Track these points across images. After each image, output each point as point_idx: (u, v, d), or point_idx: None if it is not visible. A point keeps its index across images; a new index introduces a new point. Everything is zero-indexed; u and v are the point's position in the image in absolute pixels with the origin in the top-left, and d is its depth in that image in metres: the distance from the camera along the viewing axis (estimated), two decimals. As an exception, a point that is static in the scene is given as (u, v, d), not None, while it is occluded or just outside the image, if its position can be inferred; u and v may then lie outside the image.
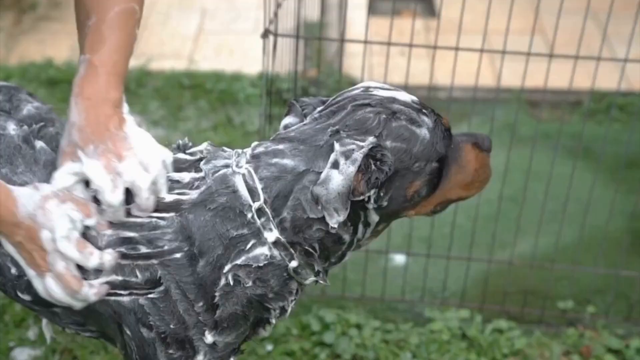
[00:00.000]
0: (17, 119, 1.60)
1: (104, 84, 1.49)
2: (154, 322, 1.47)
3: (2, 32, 4.41)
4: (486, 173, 1.58)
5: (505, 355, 2.48)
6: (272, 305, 1.51)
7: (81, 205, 1.45)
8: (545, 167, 3.09)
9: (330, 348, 2.47)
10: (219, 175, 1.46)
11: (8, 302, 2.55)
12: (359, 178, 1.39)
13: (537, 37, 2.52)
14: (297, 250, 1.45)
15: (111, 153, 1.44)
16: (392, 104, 1.46)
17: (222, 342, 1.51)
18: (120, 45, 1.53)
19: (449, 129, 1.51)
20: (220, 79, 3.90)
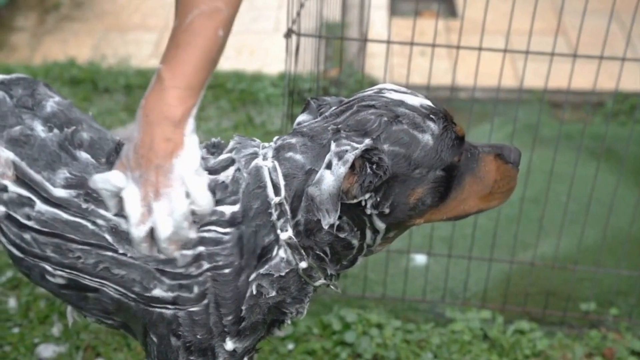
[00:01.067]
0: (42, 117, 1.61)
1: (167, 100, 1.41)
2: (183, 333, 1.49)
3: (26, 32, 4.45)
4: (509, 185, 1.53)
5: (527, 356, 2.47)
6: (288, 310, 1.53)
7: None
8: (567, 168, 3.08)
9: (351, 347, 2.47)
10: (252, 168, 1.47)
11: (33, 299, 2.57)
12: (353, 181, 1.38)
13: (558, 38, 2.51)
14: (309, 255, 1.46)
15: (151, 187, 1.42)
16: (398, 107, 1.43)
17: (241, 348, 1.54)
18: (196, 54, 1.41)
19: (461, 137, 1.47)
20: (241, 79, 3.92)
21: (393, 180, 1.41)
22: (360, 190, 1.38)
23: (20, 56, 4.17)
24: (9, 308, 2.55)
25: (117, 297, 1.53)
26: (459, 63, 2.62)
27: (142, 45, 4.29)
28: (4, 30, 4.45)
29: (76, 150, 1.56)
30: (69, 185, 1.52)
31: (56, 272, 1.55)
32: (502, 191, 1.51)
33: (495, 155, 1.50)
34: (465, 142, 1.48)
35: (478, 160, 1.49)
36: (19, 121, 1.59)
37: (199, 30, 1.42)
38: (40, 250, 1.54)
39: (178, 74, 1.41)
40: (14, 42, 4.34)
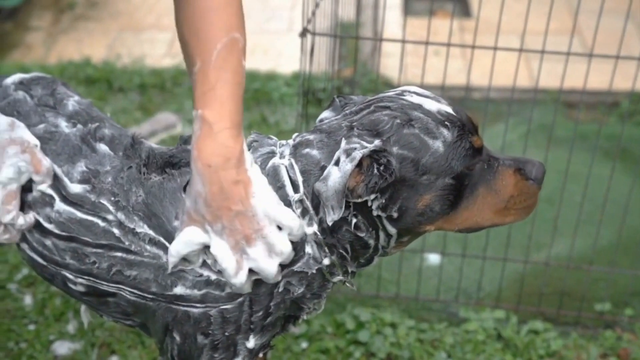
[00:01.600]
0: (66, 115, 1.64)
1: (221, 144, 1.37)
2: (213, 331, 1.50)
3: (41, 31, 4.48)
4: (527, 202, 1.49)
5: (541, 356, 2.46)
6: (306, 305, 1.54)
7: (35, 160, 1.52)
8: (582, 168, 3.07)
9: (364, 346, 2.47)
10: (270, 168, 1.47)
11: (48, 296, 2.59)
12: (359, 180, 1.38)
13: (573, 38, 2.50)
14: (333, 253, 1.46)
15: (240, 234, 1.39)
16: (413, 110, 1.42)
17: (259, 345, 1.55)
18: (231, 90, 1.40)
19: (477, 148, 1.45)
20: (254, 79, 3.92)
21: (400, 184, 1.41)
22: (366, 189, 1.38)
23: (36, 55, 4.20)
24: (24, 305, 2.57)
25: (133, 299, 1.54)
26: (473, 63, 2.61)
27: (156, 44, 4.31)
28: (19, 30, 4.48)
29: (97, 143, 1.59)
30: (83, 180, 1.54)
31: (77, 280, 1.57)
32: (519, 207, 1.48)
33: (515, 169, 1.46)
34: (484, 152, 1.46)
35: (496, 172, 1.46)
36: (42, 119, 1.62)
37: (227, 65, 1.40)
38: (60, 257, 1.56)
39: (224, 115, 1.38)
40: (30, 41, 4.37)
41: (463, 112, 1.47)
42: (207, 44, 1.40)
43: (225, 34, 1.41)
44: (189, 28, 1.43)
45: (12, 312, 2.54)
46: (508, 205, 1.47)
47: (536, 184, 1.46)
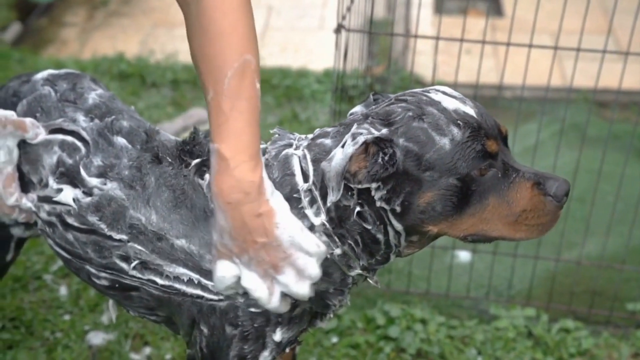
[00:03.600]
0: (85, 109, 1.67)
1: (240, 177, 1.36)
2: (243, 322, 1.51)
3: (76, 27, 4.54)
4: (540, 220, 1.40)
5: (572, 355, 2.46)
6: (331, 301, 1.55)
7: (18, 123, 1.56)
8: (614, 168, 3.06)
9: (395, 342, 2.48)
10: (282, 157, 1.48)
11: (82, 287, 2.63)
12: (362, 165, 1.38)
13: (603, 37, 2.49)
14: (344, 243, 1.47)
15: (267, 264, 1.40)
16: (429, 106, 1.41)
17: (286, 339, 1.56)
18: (246, 119, 1.36)
19: (490, 153, 1.39)
20: (286, 75, 3.95)
21: (404, 178, 1.40)
22: (367, 176, 1.38)
23: (70, 51, 4.25)
24: (60, 296, 2.61)
25: (157, 294, 1.57)
26: (504, 63, 2.61)
27: (188, 41, 4.34)
28: (54, 26, 4.54)
29: (114, 136, 1.62)
30: (99, 174, 1.58)
31: (100, 274, 1.61)
32: (531, 224, 1.40)
33: (533, 183, 1.40)
34: (500, 159, 1.41)
35: (512, 183, 1.41)
36: (61, 114, 1.66)
37: (241, 93, 1.36)
38: (82, 251, 1.60)
39: (241, 148, 1.36)
40: (64, 37, 4.43)
41: (489, 118, 1.43)
42: (219, 72, 1.36)
43: (236, 59, 1.36)
44: (200, 53, 1.39)
45: (48, 303, 2.59)
46: (519, 219, 1.40)
47: (555, 201, 1.39)
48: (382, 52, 4.07)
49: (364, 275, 1.54)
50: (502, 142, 1.44)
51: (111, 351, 2.41)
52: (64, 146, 1.63)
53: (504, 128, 1.45)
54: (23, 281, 2.63)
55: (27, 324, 2.48)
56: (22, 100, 1.71)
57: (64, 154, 1.62)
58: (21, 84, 1.75)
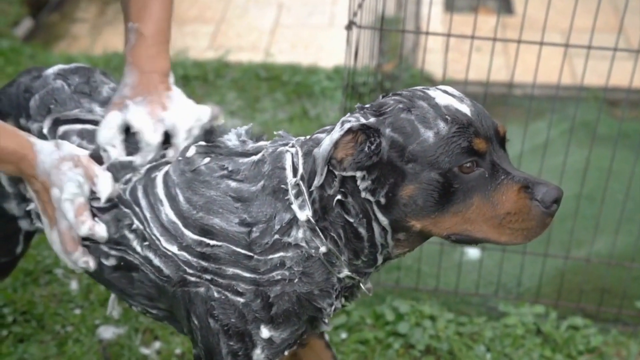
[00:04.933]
0: (100, 101, 1.74)
1: (154, 55, 1.67)
2: (219, 315, 1.53)
3: (87, 23, 4.55)
4: (524, 224, 1.37)
5: (580, 352, 2.46)
6: (319, 304, 1.55)
7: (89, 173, 1.60)
8: (624, 166, 3.06)
9: (404, 338, 2.49)
10: (276, 153, 1.53)
11: (93, 282, 2.64)
12: (348, 153, 1.40)
13: (613, 35, 2.49)
14: (327, 238, 1.48)
15: (157, 103, 1.65)
16: (420, 100, 1.41)
17: (278, 338, 1.56)
18: (164, 9, 1.67)
19: (476, 151, 1.37)
20: (296, 72, 3.96)
21: (388, 168, 1.40)
22: (352, 163, 1.40)
23: (81, 46, 4.27)
24: (70, 290, 2.63)
25: (154, 278, 1.59)
26: (515, 60, 2.61)
27: (199, 37, 4.36)
28: (65, 21, 4.56)
29: None
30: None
31: (110, 252, 1.63)
32: (514, 227, 1.37)
33: (521, 186, 1.37)
34: (488, 159, 1.39)
35: (499, 184, 1.38)
36: (77, 105, 1.72)
37: None
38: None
39: (157, 31, 1.66)
40: (75, 32, 4.45)
41: (486, 118, 1.41)
42: None
43: None
44: None
45: (59, 297, 2.60)
46: (503, 222, 1.37)
47: (541, 206, 1.35)
48: (392, 49, 4.07)
49: (354, 279, 1.53)
50: (497, 144, 1.42)
51: (121, 345, 2.42)
52: (83, 134, 1.68)
53: (503, 130, 1.44)
54: (34, 275, 2.65)
55: (38, 317, 2.50)
56: (34, 96, 1.74)
57: (84, 141, 1.67)
58: (32, 79, 1.78)
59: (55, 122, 1.71)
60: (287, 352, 1.61)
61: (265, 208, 1.50)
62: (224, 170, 1.55)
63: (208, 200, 1.53)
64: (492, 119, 1.44)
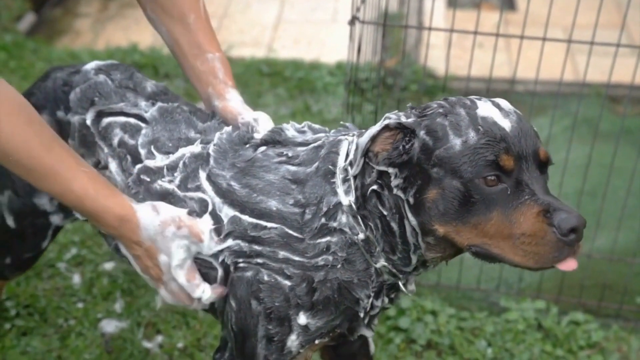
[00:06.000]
0: (145, 95, 1.78)
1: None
2: (264, 297, 1.56)
3: (90, 18, 4.56)
4: (537, 248, 1.34)
5: (581, 347, 2.47)
6: (357, 294, 1.57)
7: (194, 231, 1.59)
8: (626, 162, 3.06)
9: (405, 333, 2.50)
10: (334, 140, 1.57)
11: (96, 275, 2.66)
12: (384, 148, 1.44)
13: (616, 32, 2.50)
14: (367, 227, 1.51)
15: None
16: (461, 108, 1.42)
17: (313, 326, 1.58)
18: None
19: (502, 167, 1.36)
20: (298, 67, 3.96)
21: (417, 169, 1.43)
22: (385, 159, 1.44)
23: (84, 41, 4.28)
24: (73, 284, 2.64)
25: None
26: (517, 55, 2.62)
27: (201, 32, 4.36)
28: (68, 16, 4.56)
29: (175, 115, 1.75)
30: (166, 152, 1.69)
31: None
32: (526, 250, 1.35)
33: (541, 210, 1.34)
34: (516, 178, 1.38)
35: (520, 203, 1.36)
36: (122, 99, 1.76)
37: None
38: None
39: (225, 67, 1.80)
40: (78, 27, 4.45)
41: (527, 138, 1.38)
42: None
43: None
44: None
45: (61, 290, 2.61)
46: (517, 242, 1.36)
47: (558, 233, 1.32)
48: (394, 45, 4.07)
49: (394, 275, 1.54)
50: (533, 165, 1.39)
51: (124, 339, 2.43)
52: (126, 127, 1.72)
53: (544, 155, 1.40)
54: (37, 269, 2.66)
55: (40, 311, 2.51)
56: (74, 89, 1.79)
57: (126, 135, 1.71)
58: (70, 74, 1.83)
59: (99, 114, 1.75)
60: (318, 341, 1.63)
61: (316, 189, 1.54)
62: (282, 157, 1.59)
63: (267, 183, 1.57)
64: (538, 141, 1.41)
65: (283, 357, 1.61)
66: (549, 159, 1.42)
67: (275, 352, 1.60)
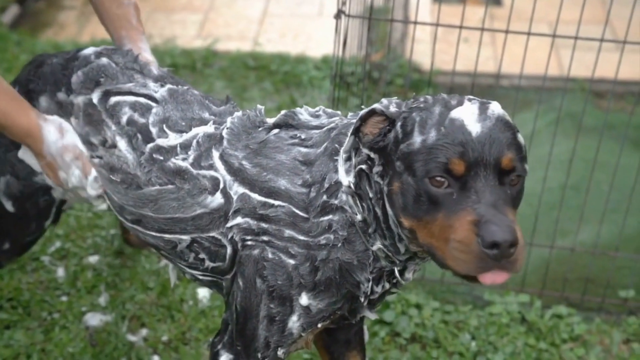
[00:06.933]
0: (153, 77, 1.83)
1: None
2: (268, 275, 1.58)
3: (74, 10, 4.53)
4: (464, 256, 1.34)
5: (564, 340, 2.49)
6: (357, 277, 1.58)
7: (85, 169, 1.79)
8: (609, 157, 3.08)
9: (389, 326, 2.50)
10: (347, 122, 1.60)
11: (80, 269, 2.65)
12: (372, 131, 1.48)
13: (600, 27, 2.51)
14: (363, 209, 1.53)
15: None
16: (439, 106, 1.43)
17: (315, 307, 1.60)
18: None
19: (452, 172, 1.36)
20: (284, 61, 3.96)
21: (388, 159, 1.46)
22: (369, 142, 1.48)
23: (69, 34, 4.25)
24: (57, 277, 2.63)
25: (208, 245, 1.69)
26: (502, 51, 2.63)
27: (187, 26, 4.35)
28: (52, 9, 4.53)
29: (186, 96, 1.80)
30: (179, 130, 1.73)
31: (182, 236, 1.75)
32: (456, 256, 1.35)
33: (475, 219, 1.34)
34: (464, 184, 1.37)
35: (461, 209, 1.36)
36: (130, 80, 1.81)
37: None
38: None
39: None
40: (63, 20, 4.43)
41: (492, 146, 1.36)
42: None
43: None
44: None
45: (45, 284, 2.60)
46: (450, 247, 1.35)
47: (481, 245, 1.31)
48: (380, 39, 4.08)
49: (390, 260, 1.55)
50: (492, 174, 1.37)
51: (108, 332, 2.43)
52: (136, 107, 1.76)
53: (508, 163, 1.38)
54: (21, 262, 2.65)
55: (24, 304, 2.50)
56: (76, 72, 1.84)
57: (136, 113, 1.75)
58: (67, 60, 1.89)
59: (106, 94, 1.80)
60: (321, 325, 1.64)
61: (322, 168, 1.56)
62: (295, 139, 1.62)
63: (278, 163, 1.60)
64: (507, 151, 1.38)
65: (284, 339, 1.63)
66: (514, 168, 1.39)
67: (276, 334, 1.62)
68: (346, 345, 1.92)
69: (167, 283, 2.59)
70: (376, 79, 3.77)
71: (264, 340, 1.63)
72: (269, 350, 1.64)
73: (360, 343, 1.94)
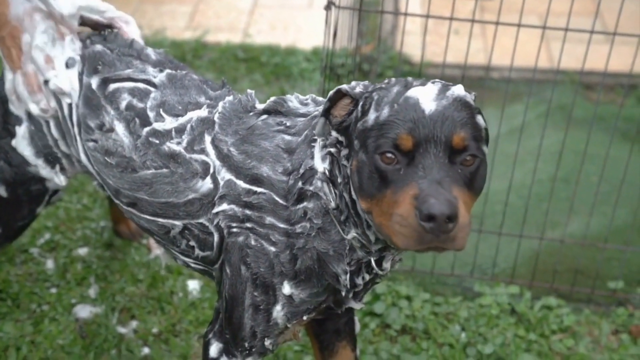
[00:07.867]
0: (151, 62, 1.83)
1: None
2: (251, 262, 1.59)
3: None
4: (403, 230, 1.34)
5: (553, 331, 2.50)
6: (334, 268, 1.58)
7: (59, 27, 1.75)
8: (599, 149, 3.09)
9: (380, 318, 2.51)
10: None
11: (70, 261, 2.64)
12: (340, 113, 1.49)
13: (590, 19, 2.51)
14: (335, 195, 1.53)
15: None
16: (398, 86, 1.43)
17: (297, 297, 1.61)
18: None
19: (400, 148, 1.36)
20: (274, 53, 3.95)
21: (351, 139, 1.47)
22: (339, 123, 1.49)
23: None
24: (46, 269, 2.62)
25: (197, 233, 1.70)
26: (492, 43, 2.63)
27: (177, 17, 4.33)
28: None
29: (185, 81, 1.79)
30: (175, 115, 1.73)
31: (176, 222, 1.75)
32: (397, 230, 1.35)
33: (416, 193, 1.33)
34: (411, 160, 1.37)
35: (406, 185, 1.35)
36: (128, 66, 1.80)
37: None
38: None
39: None
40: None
41: (442, 125, 1.36)
42: None
43: None
44: None
45: (35, 276, 2.59)
46: (393, 221, 1.36)
47: (418, 218, 1.31)
48: (371, 31, 4.07)
49: (366, 250, 1.56)
50: (442, 152, 1.36)
51: (98, 324, 2.42)
52: (135, 92, 1.75)
53: (459, 141, 1.37)
54: (9, 254, 2.64)
55: (13, 296, 2.49)
56: None
57: (135, 99, 1.74)
58: None
59: (105, 81, 1.79)
60: (306, 317, 1.65)
61: (301, 155, 1.57)
62: (280, 126, 1.62)
63: (262, 150, 1.61)
64: (460, 130, 1.37)
65: (270, 329, 1.63)
66: (466, 147, 1.38)
67: (262, 323, 1.63)
68: (336, 335, 1.93)
69: (157, 275, 2.59)
70: (367, 71, 3.76)
71: (250, 329, 1.64)
72: (255, 340, 1.65)
73: (350, 333, 1.94)
